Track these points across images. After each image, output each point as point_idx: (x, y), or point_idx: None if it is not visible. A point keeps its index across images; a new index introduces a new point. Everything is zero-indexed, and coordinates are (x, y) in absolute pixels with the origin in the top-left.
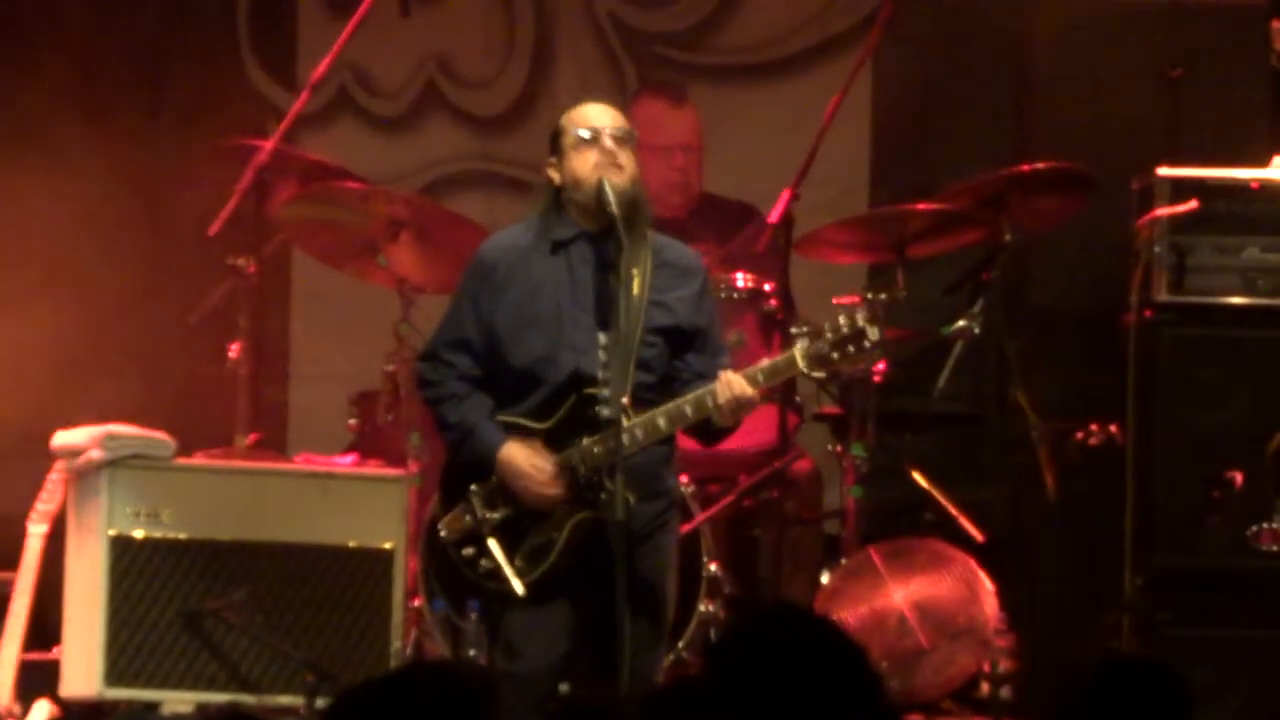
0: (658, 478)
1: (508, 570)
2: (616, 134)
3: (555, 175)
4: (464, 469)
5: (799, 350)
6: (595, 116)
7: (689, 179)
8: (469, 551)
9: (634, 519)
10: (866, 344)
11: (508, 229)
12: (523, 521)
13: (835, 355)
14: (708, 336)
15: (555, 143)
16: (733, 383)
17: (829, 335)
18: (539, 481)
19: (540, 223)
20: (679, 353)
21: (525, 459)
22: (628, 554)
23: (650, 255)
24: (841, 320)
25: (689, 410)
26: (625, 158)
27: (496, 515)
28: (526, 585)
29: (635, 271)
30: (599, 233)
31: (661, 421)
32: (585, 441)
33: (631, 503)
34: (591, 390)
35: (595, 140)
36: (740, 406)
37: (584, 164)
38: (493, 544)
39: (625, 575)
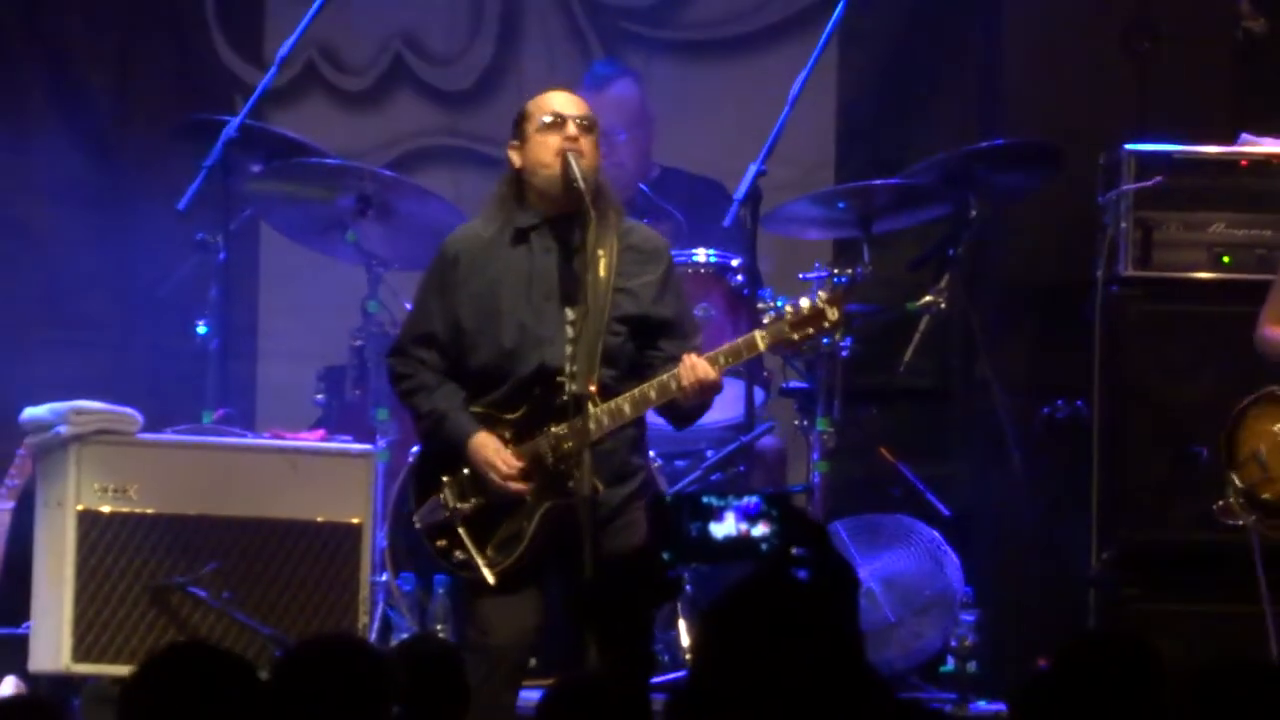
0: (626, 461)
1: (479, 561)
2: (580, 121)
3: (516, 158)
4: (436, 460)
5: (760, 332)
6: (560, 103)
7: (617, 162)
8: (442, 543)
9: (604, 502)
10: (826, 324)
11: (469, 222)
12: (493, 511)
13: (796, 335)
14: (677, 322)
15: (518, 126)
16: (696, 365)
17: (789, 316)
18: (505, 475)
19: (501, 212)
20: (647, 341)
21: (495, 451)
22: (599, 535)
23: (617, 239)
24: (803, 301)
25: (653, 394)
26: (587, 144)
27: (467, 506)
28: (497, 575)
29: (601, 253)
30: (561, 217)
31: (627, 407)
32: (553, 430)
33: (600, 489)
34: (558, 377)
35: (559, 126)
36: (703, 389)
37: (546, 149)
38: (463, 534)
39: (592, 553)
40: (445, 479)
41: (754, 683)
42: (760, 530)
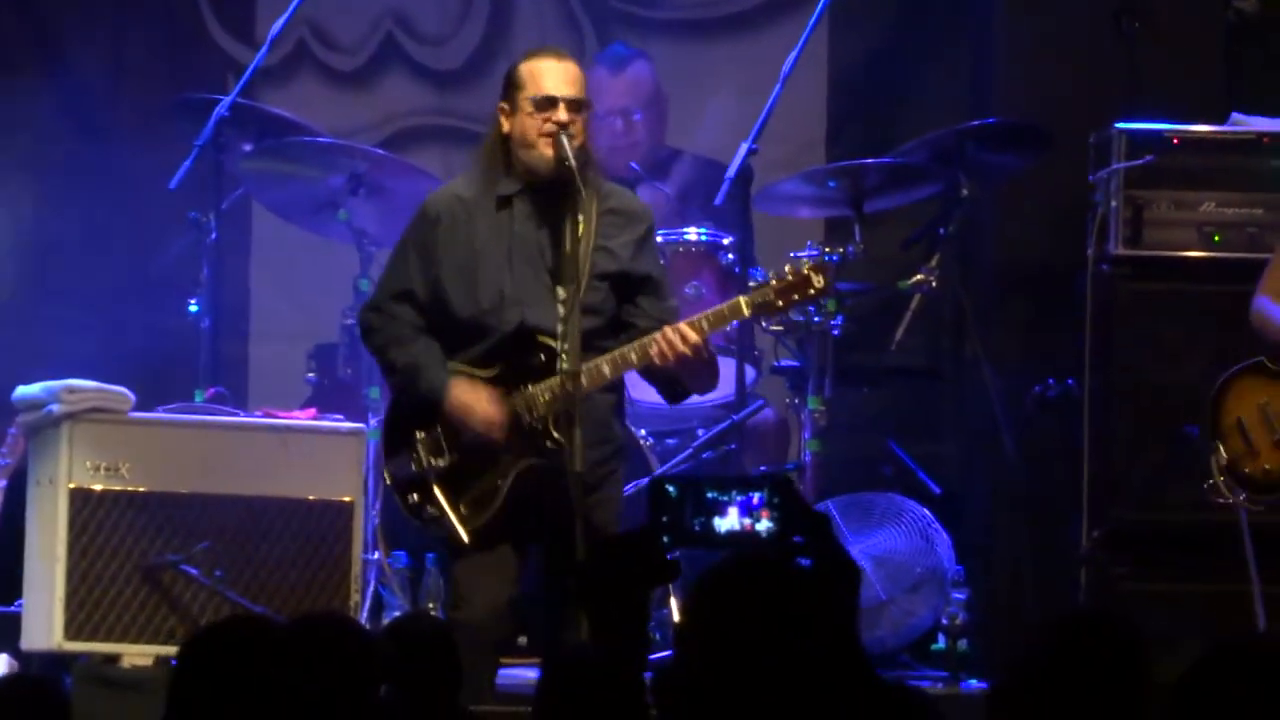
0: (604, 425)
1: (452, 517)
2: (572, 103)
3: (505, 123)
4: (408, 416)
5: (744, 297)
6: (554, 82)
7: (634, 141)
8: (414, 498)
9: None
10: (812, 290)
11: (450, 183)
12: (467, 469)
13: (780, 301)
14: (656, 282)
15: (510, 90)
16: (679, 328)
17: (774, 282)
18: (485, 408)
19: (484, 175)
20: (627, 298)
21: (472, 389)
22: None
23: (596, 203)
24: (787, 268)
25: (634, 356)
26: (577, 126)
27: (441, 463)
28: (470, 533)
29: (581, 218)
30: (542, 187)
31: (606, 368)
32: (530, 389)
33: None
34: (545, 341)
35: (550, 107)
36: (694, 350)
37: (535, 128)
38: (437, 491)
39: (584, 532)
40: (419, 435)
41: (738, 662)
42: (764, 525)
